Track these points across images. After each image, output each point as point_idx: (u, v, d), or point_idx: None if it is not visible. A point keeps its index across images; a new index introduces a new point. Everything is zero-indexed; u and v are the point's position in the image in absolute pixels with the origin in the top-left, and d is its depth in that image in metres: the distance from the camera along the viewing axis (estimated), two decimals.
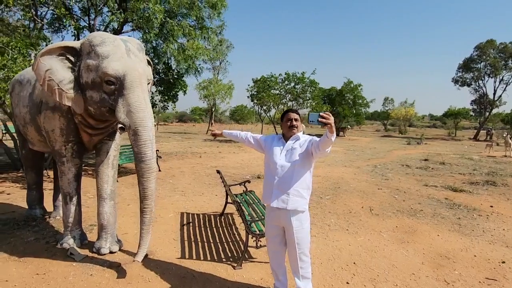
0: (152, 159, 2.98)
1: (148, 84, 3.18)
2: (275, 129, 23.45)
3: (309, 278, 2.76)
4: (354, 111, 28.65)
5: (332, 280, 3.23)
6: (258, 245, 3.42)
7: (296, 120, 2.68)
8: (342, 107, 27.36)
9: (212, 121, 45.81)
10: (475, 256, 3.86)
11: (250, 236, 3.47)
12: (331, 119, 2.21)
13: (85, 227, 4.22)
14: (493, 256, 3.85)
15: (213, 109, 39.29)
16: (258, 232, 3.39)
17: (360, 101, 28.90)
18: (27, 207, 4.81)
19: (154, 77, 8.98)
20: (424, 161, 12.27)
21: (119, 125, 2.94)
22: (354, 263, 3.60)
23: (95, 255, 3.52)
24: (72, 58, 3.06)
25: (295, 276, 2.74)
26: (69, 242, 3.60)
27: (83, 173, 7.60)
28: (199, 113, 49.02)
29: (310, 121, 2.29)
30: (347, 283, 3.18)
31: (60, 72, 3.00)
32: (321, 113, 2.19)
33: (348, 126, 31.86)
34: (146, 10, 6.43)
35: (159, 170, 8.73)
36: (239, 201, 3.64)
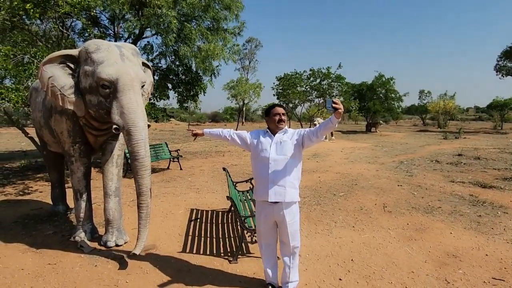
0: (146, 157, 3.15)
1: (142, 86, 3.36)
2: (301, 126, 23.23)
3: (296, 268, 2.85)
4: (386, 106, 27.53)
5: (325, 276, 3.21)
6: (253, 240, 3.48)
7: (283, 114, 2.75)
8: (373, 102, 26.41)
9: (243, 120, 46.25)
10: (486, 255, 3.63)
11: (245, 231, 3.54)
12: (342, 106, 2.38)
13: (100, 222, 4.52)
14: (507, 256, 3.60)
15: (244, 109, 39.63)
16: (253, 227, 3.45)
17: (393, 95, 27.73)
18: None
19: (173, 79, 9.38)
20: (457, 156, 11.55)
21: (114, 126, 3.14)
22: (352, 260, 3.55)
23: (103, 248, 3.78)
24: (72, 65, 3.31)
25: (286, 267, 2.81)
26: (81, 235, 3.90)
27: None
28: (231, 113, 49.63)
29: (327, 107, 2.45)
30: (340, 279, 3.15)
31: (62, 78, 3.26)
32: (333, 99, 2.41)
33: (381, 122, 30.65)
34: (161, 16, 6.71)
35: (180, 169, 9.06)
36: (234, 198, 3.70)
